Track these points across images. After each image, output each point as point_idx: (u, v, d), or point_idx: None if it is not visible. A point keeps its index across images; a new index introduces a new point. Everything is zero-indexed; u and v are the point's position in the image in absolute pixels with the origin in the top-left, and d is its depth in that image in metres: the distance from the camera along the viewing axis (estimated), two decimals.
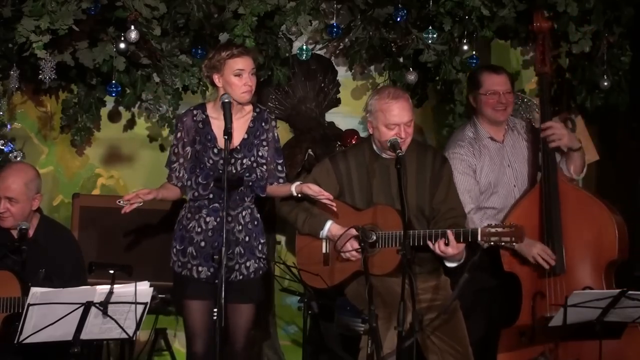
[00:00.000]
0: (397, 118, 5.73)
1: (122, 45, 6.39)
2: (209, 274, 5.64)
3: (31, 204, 5.84)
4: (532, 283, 6.03)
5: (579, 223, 6.03)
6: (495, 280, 6.15)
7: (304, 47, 6.79)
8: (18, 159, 6.62)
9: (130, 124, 7.11)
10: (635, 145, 6.58)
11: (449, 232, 5.62)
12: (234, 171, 5.66)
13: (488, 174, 6.21)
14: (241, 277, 5.67)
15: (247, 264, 5.70)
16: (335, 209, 5.74)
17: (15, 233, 5.81)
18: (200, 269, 5.66)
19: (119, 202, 5.64)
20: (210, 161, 5.68)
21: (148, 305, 5.14)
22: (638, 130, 6.83)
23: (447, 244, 5.63)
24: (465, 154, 6.15)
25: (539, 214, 6.06)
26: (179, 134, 5.74)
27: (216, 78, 5.66)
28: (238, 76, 5.62)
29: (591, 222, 6.03)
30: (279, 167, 5.79)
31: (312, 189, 5.68)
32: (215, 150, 5.68)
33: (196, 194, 5.72)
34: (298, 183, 5.78)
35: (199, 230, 5.68)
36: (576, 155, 6.22)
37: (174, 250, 5.72)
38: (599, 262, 6.00)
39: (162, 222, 6.54)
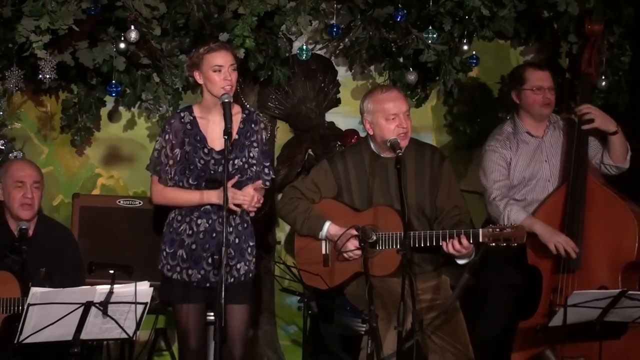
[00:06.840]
0: (395, 108, 5.74)
1: (122, 45, 6.40)
2: (199, 277, 5.57)
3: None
4: (551, 277, 6.05)
5: (601, 222, 6.05)
6: (521, 276, 6.17)
7: (304, 47, 6.79)
8: None
9: (130, 124, 7.11)
10: (635, 145, 6.56)
11: (462, 234, 5.62)
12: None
13: (523, 169, 6.25)
14: (232, 279, 5.56)
15: (238, 266, 5.61)
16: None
17: (15, 233, 5.81)
18: (190, 272, 5.58)
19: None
20: (202, 162, 5.61)
21: (148, 305, 5.14)
22: (638, 130, 6.83)
23: (460, 243, 5.63)
24: (500, 147, 6.22)
25: (562, 210, 6.09)
26: (166, 136, 5.63)
27: (197, 75, 5.58)
28: (217, 72, 5.53)
29: (613, 222, 6.04)
30: (266, 170, 5.69)
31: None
32: (206, 151, 5.61)
33: None
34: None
35: (190, 232, 5.60)
36: (614, 140, 6.22)
37: (164, 253, 5.63)
38: (616, 263, 5.99)
39: (163, 223, 6.53)
